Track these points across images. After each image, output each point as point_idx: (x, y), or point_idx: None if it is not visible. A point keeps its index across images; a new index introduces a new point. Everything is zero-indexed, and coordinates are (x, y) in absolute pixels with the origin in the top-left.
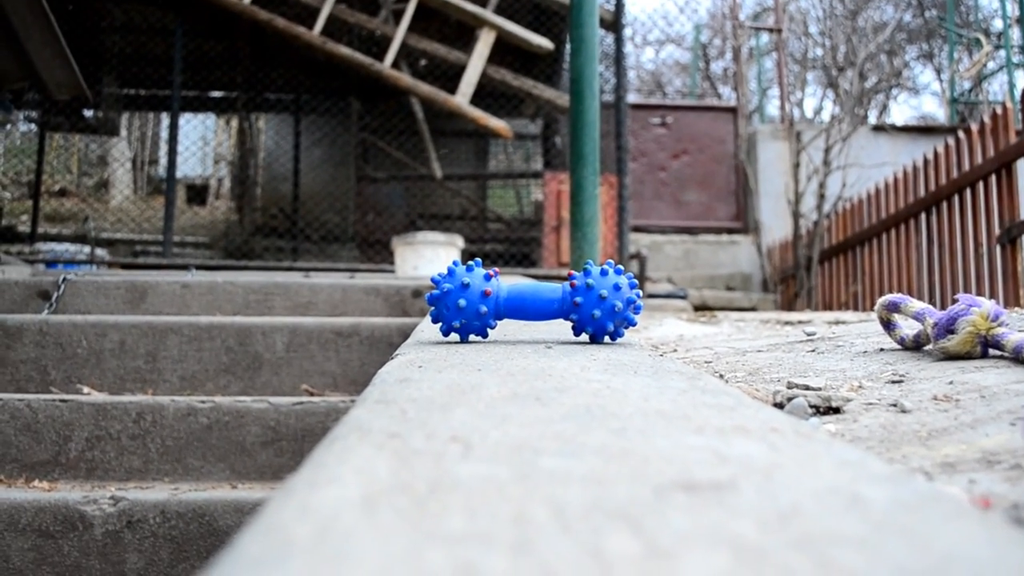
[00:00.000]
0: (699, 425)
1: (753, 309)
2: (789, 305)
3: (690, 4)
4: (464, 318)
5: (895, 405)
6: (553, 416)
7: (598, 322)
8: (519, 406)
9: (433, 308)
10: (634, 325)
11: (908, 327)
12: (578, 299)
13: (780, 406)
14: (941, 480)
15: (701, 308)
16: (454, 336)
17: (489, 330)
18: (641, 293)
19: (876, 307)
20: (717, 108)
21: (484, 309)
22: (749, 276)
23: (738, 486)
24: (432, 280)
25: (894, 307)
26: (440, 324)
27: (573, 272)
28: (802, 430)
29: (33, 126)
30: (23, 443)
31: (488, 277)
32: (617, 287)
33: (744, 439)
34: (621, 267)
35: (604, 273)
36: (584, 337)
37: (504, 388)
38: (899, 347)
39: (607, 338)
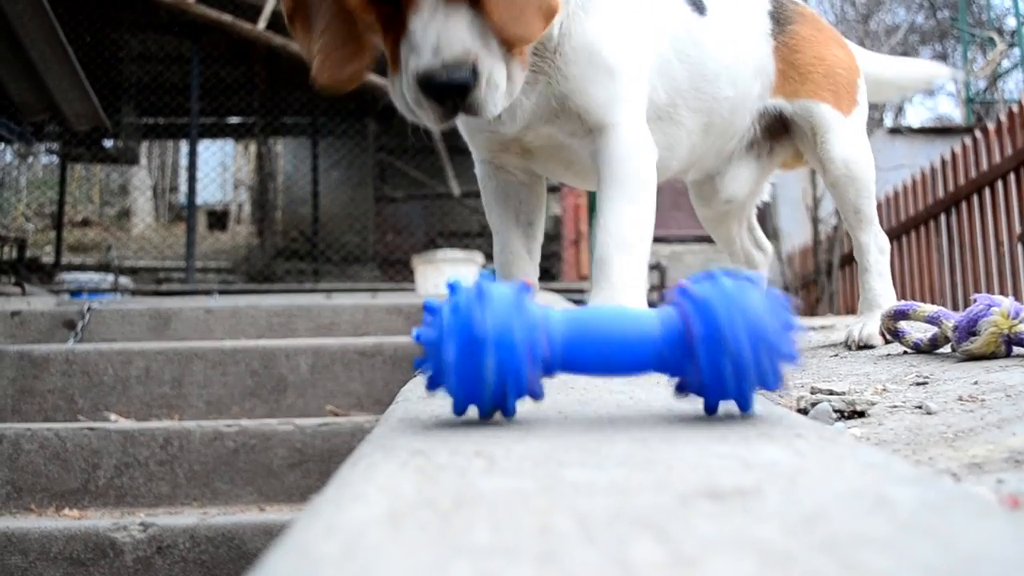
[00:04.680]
0: (722, 433)
1: None
2: (811, 310)
3: None
4: (491, 383)
5: (920, 407)
6: (576, 428)
7: (732, 383)
8: (543, 420)
9: (426, 364)
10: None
11: (920, 331)
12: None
13: (804, 411)
14: (968, 481)
15: None
16: None
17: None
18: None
19: (880, 318)
20: None
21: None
22: (770, 282)
23: (763, 492)
24: (425, 309)
25: (901, 315)
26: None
27: (683, 285)
28: (826, 434)
29: (54, 157)
30: (52, 472)
31: (523, 298)
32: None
33: (768, 445)
34: (753, 274)
35: (731, 288)
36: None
37: (526, 402)
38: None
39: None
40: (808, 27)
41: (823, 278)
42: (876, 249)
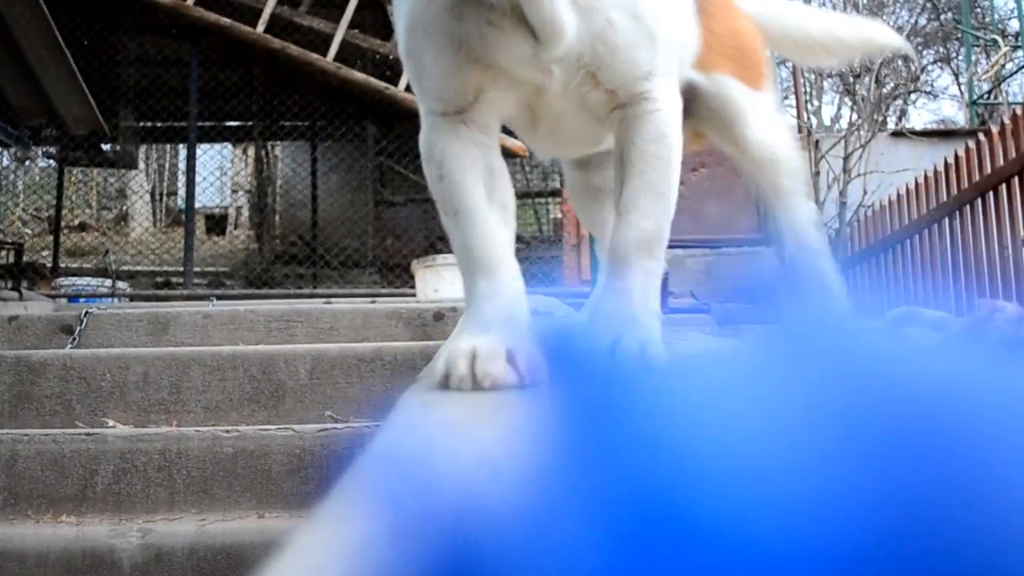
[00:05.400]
0: None
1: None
2: None
3: None
4: None
5: None
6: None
7: None
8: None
9: None
10: None
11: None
12: None
13: None
14: None
15: (723, 321)
16: None
17: None
18: None
19: (885, 323)
20: None
21: None
22: (772, 287)
23: None
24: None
25: (905, 321)
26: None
27: None
28: None
29: (51, 161)
30: (50, 478)
31: None
32: None
33: None
34: None
35: None
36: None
37: (530, 408)
38: None
39: None
40: None
41: None
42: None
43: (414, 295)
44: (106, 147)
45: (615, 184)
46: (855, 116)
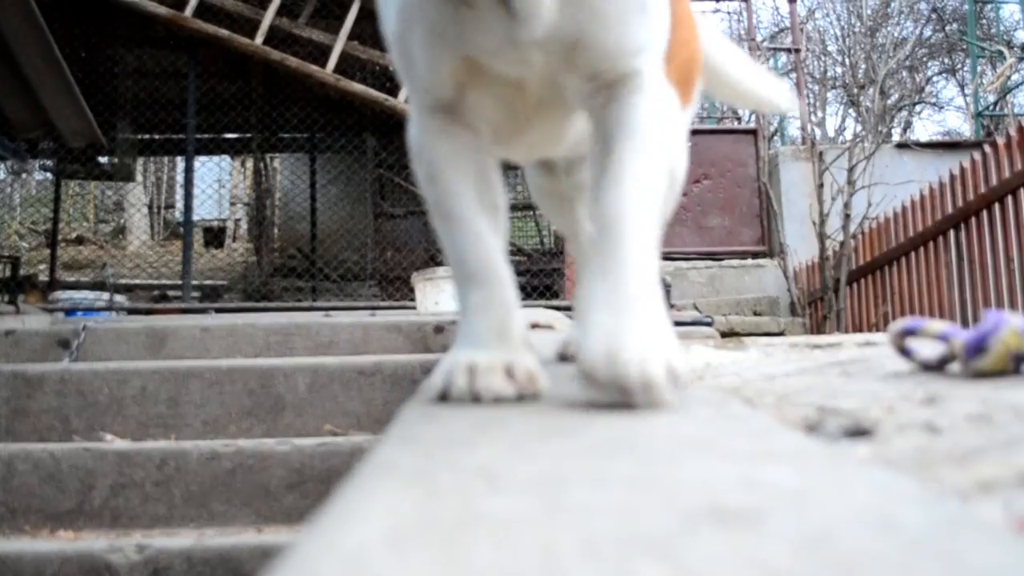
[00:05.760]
0: (728, 452)
1: (781, 333)
2: (818, 328)
3: None
4: None
5: (928, 425)
6: (580, 448)
7: None
8: (545, 438)
9: None
10: None
11: (929, 348)
12: None
13: (811, 430)
14: (977, 501)
15: (728, 334)
16: None
17: None
18: None
19: (888, 335)
20: (737, 131)
21: None
22: (776, 300)
23: (769, 512)
24: None
25: (910, 332)
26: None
27: None
28: (833, 454)
29: (48, 174)
30: (47, 493)
31: None
32: None
33: (774, 465)
34: None
35: None
36: None
37: (530, 424)
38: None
39: None
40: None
41: (830, 295)
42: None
43: (414, 308)
44: (103, 160)
45: (593, 175)
46: (859, 128)
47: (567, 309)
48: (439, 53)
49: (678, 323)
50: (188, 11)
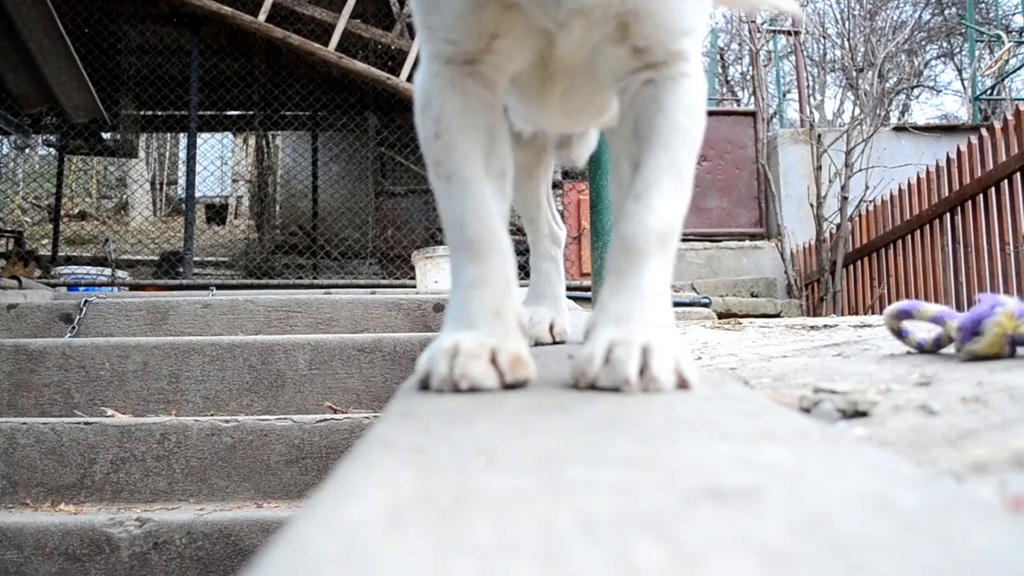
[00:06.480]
0: (725, 432)
1: (778, 315)
2: (814, 310)
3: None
4: None
5: (923, 407)
6: (577, 426)
7: None
8: (543, 417)
9: None
10: None
11: (924, 330)
12: None
13: (807, 411)
14: (972, 482)
15: (725, 315)
16: None
17: None
18: None
19: (884, 317)
20: (736, 113)
21: None
22: (773, 281)
23: (766, 492)
24: None
25: (905, 314)
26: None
27: None
28: (829, 434)
29: (51, 150)
30: (48, 466)
31: None
32: None
33: (771, 445)
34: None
35: None
36: None
37: (527, 399)
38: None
39: None
40: None
41: (827, 277)
42: None
43: (414, 286)
44: (106, 135)
45: (620, 160)
46: (858, 110)
47: (571, 290)
48: (478, 3)
49: (676, 303)
50: None
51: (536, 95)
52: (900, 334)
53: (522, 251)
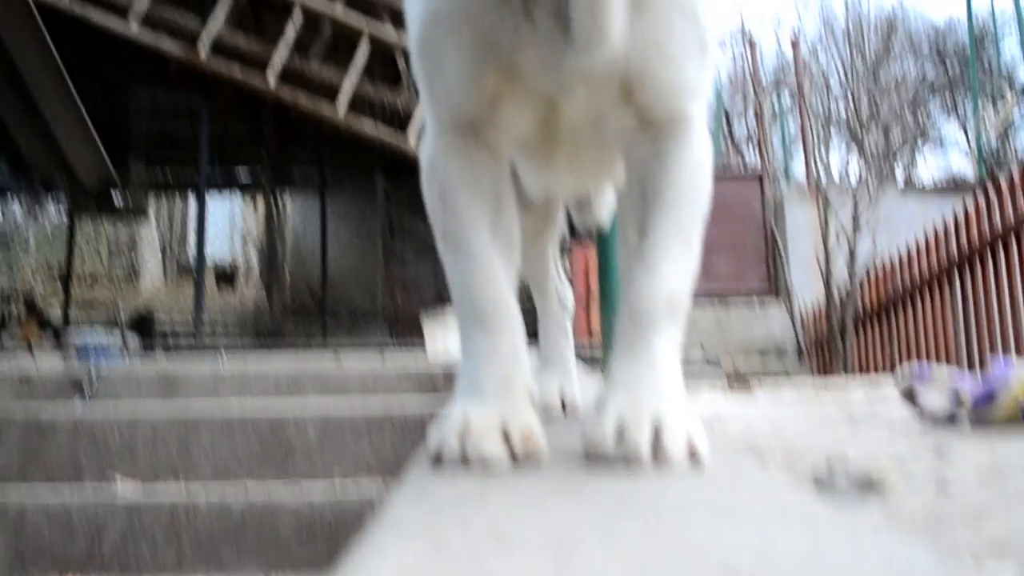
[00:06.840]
0: (737, 512)
1: (787, 376)
2: (824, 371)
3: None
4: None
5: (938, 480)
6: (590, 505)
7: None
8: (554, 497)
9: None
10: None
11: (935, 395)
12: None
13: (820, 484)
14: (989, 565)
15: (734, 377)
16: None
17: None
18: None
19: (896, 382)
20: (743, 177)
21: None
22: (782, 342)
23: None
24: None
25: (917, 378)
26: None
27: None
28: (843, 517)
29: (62, 215)
30: (56, 538)
31: None
32: None
33: (784, 527)
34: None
35: None
36: None
37: (539, 477)
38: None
39: None
40: None
41: (837, 338)
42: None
43: (423, 347)
44: (116, 196)
45: (627, 224)
46: (863, 167)
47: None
48: (479, 66)
49: (685, 361)
50: (201, 51)
51: (543, 159)
52: (912, 398)
53: (526, 309)
